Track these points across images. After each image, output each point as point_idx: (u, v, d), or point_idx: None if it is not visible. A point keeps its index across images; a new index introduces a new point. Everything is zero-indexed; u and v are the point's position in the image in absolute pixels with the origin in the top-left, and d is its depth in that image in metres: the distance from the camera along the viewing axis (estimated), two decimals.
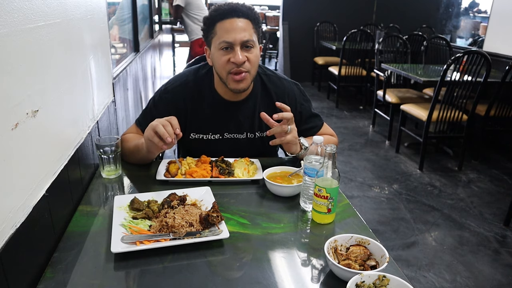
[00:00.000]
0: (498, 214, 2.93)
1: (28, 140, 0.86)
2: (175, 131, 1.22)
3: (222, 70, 1.37)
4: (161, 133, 1.19)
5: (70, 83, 1.15)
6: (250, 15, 1.35)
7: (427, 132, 3.52)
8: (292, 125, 1.32)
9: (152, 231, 1.01)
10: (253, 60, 1.36)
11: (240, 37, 1.31)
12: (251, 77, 1.39)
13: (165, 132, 1.19)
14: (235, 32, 1.31)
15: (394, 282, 0.81)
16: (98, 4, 1.49)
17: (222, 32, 1.33)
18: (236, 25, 1.32)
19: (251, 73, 1.38)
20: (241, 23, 1.33)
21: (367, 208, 2.98)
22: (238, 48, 1.32)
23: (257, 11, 1.42)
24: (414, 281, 2.18)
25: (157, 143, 1.21)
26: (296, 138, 1.34)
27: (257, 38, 1.39)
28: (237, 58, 1.31)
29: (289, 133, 1.30)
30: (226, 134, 1.50)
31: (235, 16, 1.32)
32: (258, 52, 1.39)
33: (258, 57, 1.39)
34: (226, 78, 1.37)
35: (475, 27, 5.83)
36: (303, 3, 6.70)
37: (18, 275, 0.80)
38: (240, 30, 1.32)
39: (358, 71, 5.47)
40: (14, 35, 0.80)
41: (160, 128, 1.20)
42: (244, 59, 1.33)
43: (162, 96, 1.48)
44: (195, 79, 1.48)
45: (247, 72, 1.36)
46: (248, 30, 1.34)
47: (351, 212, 1.19)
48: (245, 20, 1.34)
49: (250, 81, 1.40)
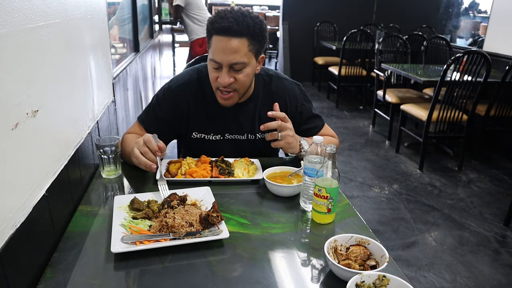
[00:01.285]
0: (498, 214, 2.93)
1: (28, 140, 0.86)
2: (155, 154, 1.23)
3: (211, 84, 1.39)
4: (143, 165, 1.22)
5: (70, 83, 1.15)
6: (245, 32, 1.27)
7: (427, 132, 3.52)
8: (284, 132, 1.33)
9: (152, 231, 1.01)
10: (242, 80, 1.34)
11: (229, 59, 1.28)
12: (239, 95, 1.39)
13: (147, 161, 1.22)
14: (224, 53, 1.28)
15: (394, 282, 0.81)
16: (98, 4, 1.49)
17: (214, 49, 1.30)
18: (228, 46, 1.27)
19: (240, 91, 1.38)
20: (234, 44, 1.27)
21: (367, 208, 2.98)
22: (226, 70, 1.30)
23: (261, 21, 1.32)
24: (414, 281, 2.18)
25: (145, 168, 1.24)
26: (290, 143, 1.35)
27: (255, 53, 1.34)
28: (222, 80, 1.31)
29: (280, 139, 1.33)
30: (227, 135, 1.51)
31: (228, 35, 1.26)
32: (250, 71, 1.35)
33: (251, 75, 1.37)
34: (215, 92, 1.40)
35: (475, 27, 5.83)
36: (303, 3, 6.70)
37: (18, 275, 0.80)
38: (230, 52, 1.27)
39: (358, 71, 5.47)
40: (14, 35, 0.80)
41: (141, 159, 1.22)
42: (230, 81, 1.32)
43: (166, 94, 1.48)
44: (199, 78, 1.49)
45: (234, 91, 1.36)
46: (240, 51, 1.28)
47: (351, 212, 1.19)
48: (238, 39, 1.27)
49: (238, 98, 1.40)
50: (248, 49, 1.30)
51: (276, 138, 1.33)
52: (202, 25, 4.72)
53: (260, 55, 1.37)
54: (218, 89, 1.37)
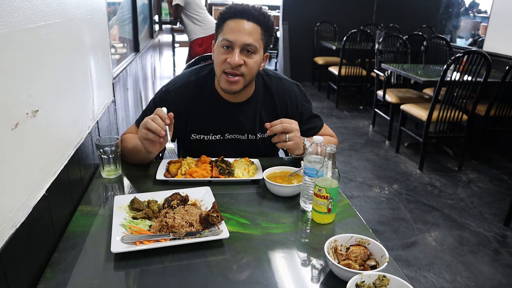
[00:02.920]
0: (498, 214, 2.93)
1: (28, 140, 0.86)
2: (165, 122, 1.21)
3: (217, 67, 1.37)
4: (153, 129, 1.19)
5: (70, 83, 1.14)
6: (261, 20, 1.33)
7: (427, 132, 3.52)
8: (292, 133, 1.31)
9: (152, 231, 1.01)
10: (251, 66, 1.34)
11: (243, 39, 1.30)
12: (244, 82, 1.37)
13: (157, 126, 1.19)
14: (239, 33, 1.30)
15: (394, 282, 0.81)
16: (98, 4, 1.49)
17: (227, 30, 1.32)
18: (242, 27, 1.31)
19: (246, 78, 1.36)
20: (248, 26, 1.31)
21: (367, 208, 2.98)
22: (238, 50, 1.31)
23: (273, 20, 1.38)
24: (414, 281, 2.18)
25: (153, 138, 1.21)
26: (298, 143, 1.34)
27: (263, 45, 1.36)
28: (233, 59, 1.30)
29: (288, 141, 1.31)
30: (227, 135, 1.50)
31: (244, 17, 1.31)
32: (259, 59, 1.36)
33: (258, 64, 1.37)
34: (220, 76, 1.37)
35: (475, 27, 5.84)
36: (303, 3, 6.70)
37: (18, 275, 0.80)
38: (245, 33, 1.30)
39: (358, 71, 5.47)
40: (14, 35, 0.79)
41: (151, 124, 1.19)
42: (240, 62, 1.31)
43: (163, 97, 1.47)
44: (197, 80, 1.48)
45: (241, 76, 1.35)
46: (254, 35, 1.32)
47: (351, 212, 1.19)
48: (254, 24, 1.32)
49: (243, 85, 1.38)
50: (260, 37, 1.34)
51: (284, 140, 1.31)
52: (202, 25, 4.72)
53: (266, 51, 1.40)
54: (223, 73, 1.35)
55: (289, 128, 1.31)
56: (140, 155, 1.36)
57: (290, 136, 1.31)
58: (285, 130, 1.30)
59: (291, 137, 1.31)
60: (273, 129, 1.31)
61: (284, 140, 1.31)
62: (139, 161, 1.41)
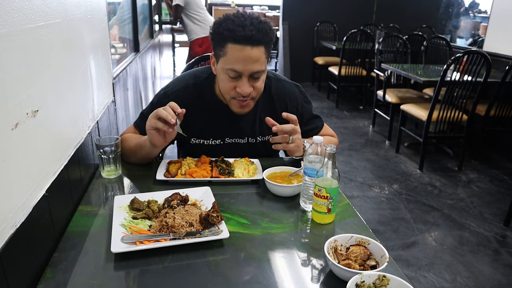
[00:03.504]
0: (498, 214, 2.93)
1: (28, 140, 0.86)
2: (176, 111, 1.22)
3: (226, 94, 1.35)
4: (164, 116, 1.19)
5: (70, 83, 1.15)
6: (265, 40, 1.25)
7: (427, 132, 3.52)
8: (295, 135, 1.31)
9: (152, 231, 1.01)
10: (260, 87, 1.33)
11: (251, 68, 1.25)
12: (255, 101, 1.38)
13: (167, 114, 1.20)
14: (246, 63, 1.24)
15: (394, 282, 0.81)
16: (98, 4, 1.49)
17: (232, 59, 1.25)
18: (249, 55, 1.23)
19: (256, 98, 1.37)
20: (255, 53, 1.24)
21: (367, 208, 2.98)
22: (246, 80, 1.28)
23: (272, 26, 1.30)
24: (414, 281, 2.18)
25: (162, 127, 1.21)
26: (299, 146, 1.33)
27: (268, 58, 1.33)
28: (243, 90, 1.28)
29: (290, 143, 1.30)
30: (227, 139, 1.49)
31: (249, 44, 1.22)
32: (265, 76, 1.35)
33: (264, 81, 1.36)
34: (230, 101, 1.37)
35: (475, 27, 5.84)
36: (303, 3, 6.70)
37: (18, 275, 0.80)
38: (252, 61, 1.24)
39: (358, 71, 5.47)
40: (14, 35, 0.79)
41: (162, 111, 1.20)
42: (251, 90, 1.30)
43: (161, 101, 1.45)
44: (196, 83, 1.46)
45: (252, 99, 1.35)
46: (261, 59, 1.26)
47: (351, 212, 1.19)
48: (259, 48, 1.24)
49: (254, 104, 1.39)
50: (265, 56, 1.29)
51: (287, 141, 1.30)
52: (202, 25, 4.72)
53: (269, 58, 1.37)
54: (233, 99, 1.34)
55: (295, 130, 1.30)
56: (143, 152, 1.35)
57: (293, 138, 1.30)
58: (292, 131, 1.30)
59: (294, 139, 1.31)
60: (284, 129, 1.28)
61: (287, 142, 1.30)
62: (140, 159, 1.40)
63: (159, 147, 1.32)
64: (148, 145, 1.31)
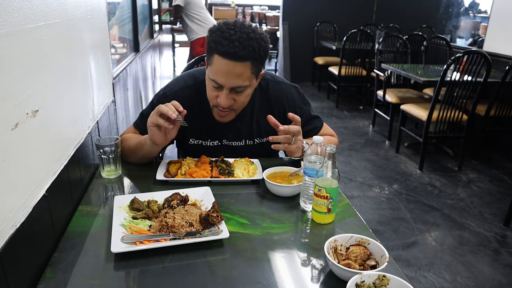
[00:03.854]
0: (498, 214, 2.93)
1: (28, 140, 0.86)
2: (178, 109, 1.23)
3: (209, 100, 1.38)
4: (165, 111, 1.20)
5: (70, 83, 1.15)
6: (251, 57, 1.24)
7: (427, 132, 3.52)
8: (298, 136, 1.31)
9: (152, 231, 1.01)
10: (241, 101, 1.35)
11: (231, 83, 1.27)
12: (236, 113, 1.40)
13: (169, 109, 1.21)
14: (227, 77, 1.26)
15: (394, 282, 0.81)
16: (98, 4, 1.49)
17: (216, 70, 1.26)
18: (231, 70, 1.24)
19: (237, 110, 1.39)
20: (238, 69, 1.24)
21: (367, 208, 2.98)
22: (227, 92, 1.29)
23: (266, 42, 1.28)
24: (414, 281, 2.18)
25: (163, 123, 1.22)
26: (300, 147, 1.33)
27: (257, 73, 1.32)
28: (221, 102, 1.31)
29: (293, 144, 1.30)
30: (225, 141, 1.50)
31: (233, 59, 1.22)
32: (250, 91, 1.35)
33: (250, 95, 1.36)
34: (212, 108, 1.40)
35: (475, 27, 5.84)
36: (303, 3, 6.70)
37: (18, 275, 0.80)
38: (234, 76, 1.25)
39: (358, 71, 5.47)
40: (14, 35, 0.80)
41: (163, 107, 1.21)
42: (230, 103, 1.32)
43: (161, 101, 1.43)
44: (194, 85, 1.47)
45: (232, 110, 1.37)
46: (243, 75, 1.26)
47: (351, 212, 1.19)
48: (243, 63, 1.24)
49: (235, 115, 1.41)
50: (251, 71, 1.28)
51: (290, 142, 1.29)
52: (202, 25, 4.72)
53: (260, 72, 1.35)
54: (214, 107, 1.37)
55: (299, 132, 1.31)
56: (144, 151, 1.35)
57: (296, 139, 1.30)
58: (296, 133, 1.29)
59: (296, 140, 1.31)
60: (290, 130, 1.27)
61: (289, 143, 1.30)
62: (140, 159, 1.40)
63: (159, 146, 1.32)
64: (148, 143, 1.31)
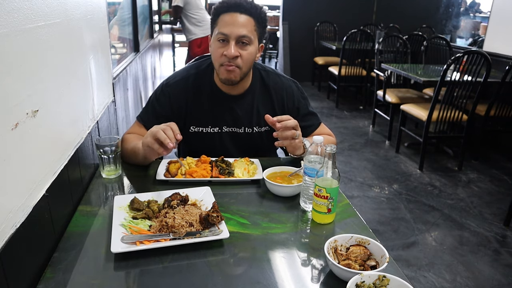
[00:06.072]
0: (498, 214, 2.93)
1: (28, 140, 0.86)
2: (176, 136, 1.21)
3: (215, 61, 1.40)
4: (162, 139, 1.18)
5: (70, 83, 1.14)
6: (253, 12, 1.36)
7: (427, 132, 3.52)
8: (299, 130, 1.31)
9: (152, 231, 1.01)
10: (246, 57, 1.37)
11: (237, 31, 1.33)
12: (241, 73, 1.40)
13: (166, 136, 1.18)
14: (233, 26, 1.34)
15: (394, 282, 0.81)
16: (98, 4, 1.49)
17: (222, 24, 1.36)
18: (236, 20, 1.34)
19: (242, 69, 1.39)
20: (242, 19, 1.35)
21: (367, 208, 2.98)
22: (233, 43, 1.34)
23: (265, 12, 1.43)
24: (414, 281, 2.18)
25: (157, 149, 1.20)
26: (301, 141, 1.34)
27: (258, 36, 1.40)
28: (229, 51, 1.34)
29: (297, 138, 1.30)
30: (225, 128, 1.52)
31: (237, 10, 1.34)
32: (253, 50, 1.39)
33: (253, 55, 1.40)
34: (219, 69, 1.40)
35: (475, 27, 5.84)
36: (303, 3, 6.70)
37: (18, 275, 0.80)
38: (239, 25, 1.34)
39: (358, 71, 5.47)
40: (14, 35, 0.79)
41: (161, 133, 1.18)
42: (236, 54, 1.35)
43: (164, 90, 1.51)
44: (197, 73, 1.51)
45: (238, 67, 1.38)
46: (248, 27, 1.35)
47: (351, 212, 1.19)
48: (247, 16, 1.35)
49: (240, 76, 1.40)
50: (254, 28, 1.37)
51: (295, 136, 1.28)
52: (201, 26, 4.72)
53: (261, 42, 1.43)
54: (221, 66, 1.38)
55: (298, 126, 1.30)
56: (138, 158, 1.37)
57: (298, 134, 1.30)
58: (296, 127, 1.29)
59: (298, 134, 1.30)
60: (287, 124, 1.27)
61: (293, 137, 1.28)
62: (137, 163, 1.41)
63: (152, 159, 1.34)
64: (141, 156, 1.32)
